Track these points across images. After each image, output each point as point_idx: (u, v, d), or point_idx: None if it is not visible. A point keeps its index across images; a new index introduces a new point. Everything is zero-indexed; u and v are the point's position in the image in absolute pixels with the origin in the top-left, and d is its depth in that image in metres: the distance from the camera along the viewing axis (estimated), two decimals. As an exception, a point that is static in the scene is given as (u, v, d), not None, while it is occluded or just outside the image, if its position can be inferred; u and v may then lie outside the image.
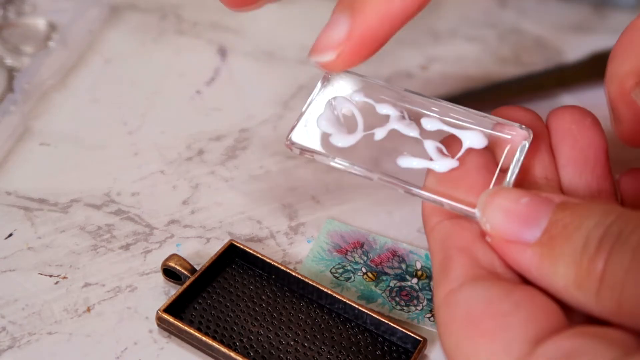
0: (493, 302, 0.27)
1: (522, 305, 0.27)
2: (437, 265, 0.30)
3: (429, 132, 0.33)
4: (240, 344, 0.36)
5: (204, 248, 0.41)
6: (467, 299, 0.28)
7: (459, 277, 0.29)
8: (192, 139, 0.48)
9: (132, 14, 0.57)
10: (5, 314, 0.38)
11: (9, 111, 0.46)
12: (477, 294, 0.28)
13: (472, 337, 0.27)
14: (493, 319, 0.27)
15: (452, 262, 0.29)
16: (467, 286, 0.28)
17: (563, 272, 0.27)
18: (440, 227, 0.31)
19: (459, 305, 0.28)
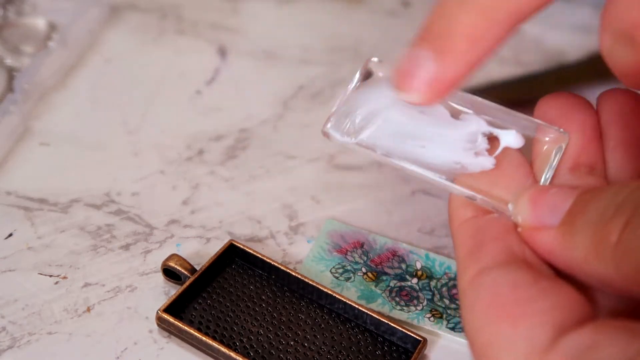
0: (520, 286, 0.27)
1: (548, 293, 0.27)
2: (466, 252, 0.30)
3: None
4: (240, 344, 0.36)
5: (204, 248, 0.41)
6: (494, 281, 0.28)
7: (490, 261, 0.29)
8: (192, 139, 0.48)
9: (132, 14, 0.57)
10: (5, 314, 0.38)
11: (9, 111, 0.46)
12: (505, 277, 0.28)
13: (495, 321, 0.27)
14: (518, 304, 0.27)
15: (483, 247, 0.29)
16: (496, 269, 0.28)
17: (581, 244, 0.27)
18: (473, 221, 0.31)
19: (485, 287, 0.28)
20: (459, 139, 0.32)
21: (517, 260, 0.29)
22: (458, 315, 0.39)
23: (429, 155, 0.32)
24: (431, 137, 0.32)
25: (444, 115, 0.33)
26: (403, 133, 0.32)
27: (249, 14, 0.58)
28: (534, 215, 0.29)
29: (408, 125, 0.32)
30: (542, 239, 0.29)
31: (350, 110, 0.33)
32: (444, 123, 0.32)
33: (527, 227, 0.29)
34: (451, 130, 0.32)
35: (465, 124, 0.33)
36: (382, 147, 0.32)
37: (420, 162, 0.31)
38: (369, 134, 0.32)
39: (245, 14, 0.58)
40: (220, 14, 0.58)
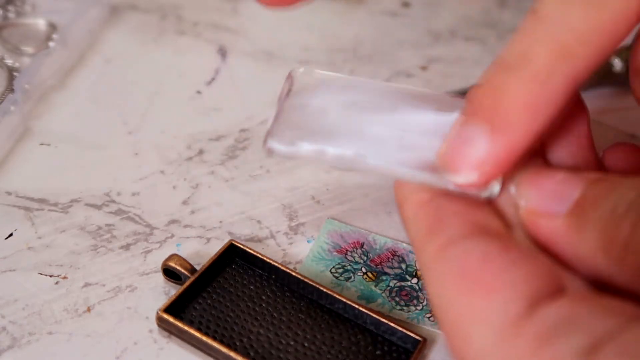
0: (491, 256, 0.26)
1: (521, 263, 0.26)
2: (426, 228, 0.28)
3: None
4: (240, 344, 0.36)
5: (204, 248, 0.41)
6: (462, 252, 0.27)
7: (455, 232, 0.27)
8: (192, 139, 0.48)
9: (132, 14, 0.57)
10: (5, 314, 0.38)
11: (9, 111, 0.46)
12: (474, 248, 0.27)
13: (466, 293, 0.26)
14: (490, 275, 0.26)
15: (444, 222, 0.28)
16: (463, 240, 0.27)
17: (590, 237, 0.26)
18: (431, 202, 0.29)
19: (453, 259, 0.27)
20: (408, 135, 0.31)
21: (484, 231, 0.27)
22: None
23: (383, 152, 0.30)
24: (377, 138, 0.31)
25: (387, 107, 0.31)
26: (351, 133, 0.31)
27: (249, 14, 0.58)
28: (540, 200, 0.28)
29: (353, 124, 0.31)
30: (546, 225, 0.28)
31: (288, 121, 0.32)
32: (391, 118, 0.31)
33: (531, 211, 0.28)
34: (394, 128, 0.31)
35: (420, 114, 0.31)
36: (333, 150, 0.30)
37: (377, 158, 0.30)
38: (315, 140, 0.31)
39: (245, 14, 0.58)
40: (220, 14, 0.58)
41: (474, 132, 0.28)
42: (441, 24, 0.59)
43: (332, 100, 0.32)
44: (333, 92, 0.32)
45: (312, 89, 0.32)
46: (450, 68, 0.55)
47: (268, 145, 0.31)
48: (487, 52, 0.57)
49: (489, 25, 0.59)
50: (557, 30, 0.28)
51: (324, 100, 0.32)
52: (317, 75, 0.33)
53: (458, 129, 0.28)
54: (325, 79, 0.33)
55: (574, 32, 0.28)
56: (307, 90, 0.32)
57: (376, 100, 0.32)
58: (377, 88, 0.32)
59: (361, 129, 0.31)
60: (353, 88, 0.32)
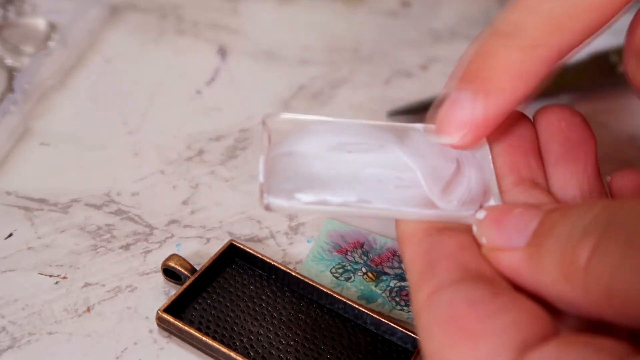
0: (478, 303, 0.26)
1: (509, 308, 0.26)
2: (418, 272, 0.28)
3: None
4: (240, 344, 0.36)
5: (204, 248, 0.41)
6: (450, 299, 0.27)
7: (444, 279, 0.27)
8: (192, 139, 0.48)
9: (132, 14, 0.57)
10: (5, 314, 0.38)
11: (9, 111, 0.46)
12: (462, 294, 0.26)
13: (454, 340, 0.26)
14: (477, 321, 0.26)
15: (436, 266, 0.28)
16: (452, 286, 0.27)
17: (549, 267, 0.26)
18: (424, 239, 0.29)
19: (441, 306, 0.27)
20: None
21: (473, 276, 0.27)
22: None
23: (383, 194, 0.30)
24: (373, 178, 0.31)
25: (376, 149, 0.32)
26: (347, 178, 0.31)
27: (249, 14, 0.58)
28: (499, 236, 0.28)
29: (345, 169, 0.31)
30: (508, 260, 0.28)
31: (279, 173, 0.31)
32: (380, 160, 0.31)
33: (492, 248, 0.28)
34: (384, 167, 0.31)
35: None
36: (335, 199, 0.30)
37: (379, 200, 0.30)
38: (314, 190, 0.30)
39: (245, 14, 0.58)
40: (220, 14, 0.58)
41: (460, 95, 0.29)
42: (441, 24, 0.59)
43: (316, 145, 0.31)
44: (314, 135, 0.32)
45: (293, 135, 0.32)
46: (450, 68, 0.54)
47: (266, 202, 0.30)
48: (487, 52, 0.57)
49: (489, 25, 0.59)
50: (550, 3, 0.29)
51: (308, 145, 0.32)
52: (290, 118, 0.33)
53: (450, 95, 0.29)
54: (299, 121, 0.33)
55: (565, 6, 0.29)
56: (288, 138, 0.32)
57: (359, 140, 0.32)
58: (356, 127, 0.32)
59: (355, 172, 0.31)
60: (331, 128, 0.32)
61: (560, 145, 0.32)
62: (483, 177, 0.31)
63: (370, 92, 0.52)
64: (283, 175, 0.31)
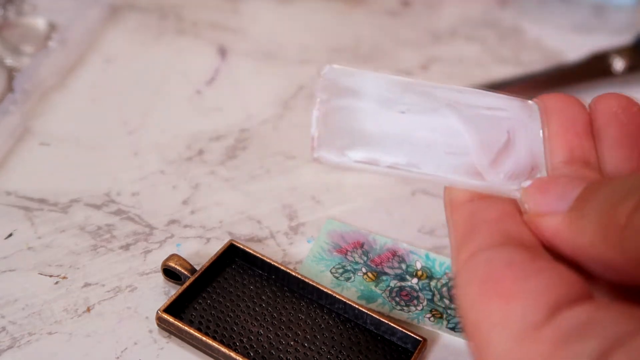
0: (515, 265, 0.27)
1: (545, 271, 0.27)
2: (460, 235, 0.30)
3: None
4: (240, 344, 0.36)
5: (204, 248, 0.41)
6: (489, 259, 0.28)
7: (485, 241, 0.28)
8: (192, 139, 0.48)
9: (132, 13, 0.57)
10: (5, 314, 0.38)
11: (9, 111, 0.46)
12: (501, 256, 0.28)
13: (488, 297, 0.27)
14: (513, 281, 0.27)
15: (478, 230, 0.29)
16: (492, 249, 0.28)
17: (589, 228, 0.27)
18: (469, 205, 0.30)
19: (479, 265, 0.28)
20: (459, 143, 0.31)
21: (513, 241, 0.28)
22: (458, 315, 0.39)
23: (433, 159, 0.31)
24: (429, 140, 0.31)
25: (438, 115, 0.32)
26: (399, 139, 0.31)
27: (249, 14, 0.58)
28: (543, 202, 0.29)
29: (399, 129, 0.31)
30: (549, 224, 0.29)
31: (332, 127, 0.31)
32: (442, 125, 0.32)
33: (535, 213, 0.29)
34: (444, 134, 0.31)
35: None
36: (385, 159, 0.30)
37: (428, 165, 0.31)
38: (365, 149, 0.30)
39: (245, 14, 0.58)
40: (220, 14, 0.58)
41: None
42: (441, 24, 0.59)
43: (371, 101, 0.32)
44: (369, 91, 0.32)
45: (350, 89, 0.32)
46: (450, 68, 0.55)
47: (317, 154, 0.30)
48: (487, 52, 0.57)
49: (489, 25, 0.59)
50: None
51: (363, 100, 0.32)
52: (348, 72, 0.33)
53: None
54: (355, 75, 0.33)
55: None
56: (343, 92, 0.32)
57: (414, 100, 0.32)
58: (412, 86, 0.32)
59: (406, 133, 0.31)
60: (387, 86, 0.32)
61: (617, 130, 0.32)
62: (532, 153, 0.32)
63: None
64: (335, 129, 0.31)
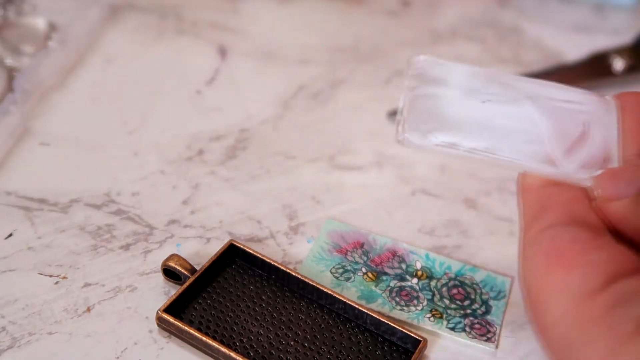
0: (579, 240, 0.30)
1: (605, 248, 0.29)
2: (531, 214, 0.32)
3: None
4: (240, 344, 0.36)
5: (204, 248, 0.41)
6: (555, 234, 0.30)
7: (553, 220, 0.31)
8: (192, 139, 0.48)
9: (132, 14, 0.57)
10: (5, 314, 0.38)
11: (9, 111, 0.46)
12: (566, 232, 0.30)
13: (552, 267, 0.29)
14: (575, 254, 0.29)
15: (548, 210, 0.31)
16: (559, 226, 0.30)
17: None
18: (541, 189, 0.32)
19: (546, 239, 0.30)
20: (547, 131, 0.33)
21: (579, 222, 0.31)
22: (458, 315, 0.39)
23: (511, 145, 0.33)
24: (510, 129, 0.33)
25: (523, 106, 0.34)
26: (479, 126, 0.33)
27: (249, 14, 0.58)
28: (613, 187, 0.31)
29: (480, 116, 0.33)
30: (616, 208, 0.31)
31: (418, 111, 0.33)
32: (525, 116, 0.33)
33: (606, 198, 0.31)
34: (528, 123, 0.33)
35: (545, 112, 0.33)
36: (466, 143, 0.33)
37: (505, 151, 0.32)
38: (447, 133, 0.33)
39: (245, 14, 0.58)
40: (220, 14, 0.58)
41: None
42: (441, 24, 0.59)
43: (455, 90, 0.34)
44: (456, 81, 0.34)
45: (437, 78, 0.34)
46: (450, 68, 0.55)
47: (402, 136, 0.33)
48: (487, 52, 0.57)
49: (489, 25, 0.59)
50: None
51: (447, 89, 0.34)
52: (437, 63, 0.35)
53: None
54: (445, 66, 0.35)
55: None
56: (432, 80, 0.34)
57: (496, 91, 0.34)
58: (495, 77, 0.34)
59: (488, 121, 0.33)
60: (472, 76, 0.34)
61: None
62: (606, 145, 0.33)
63: (370, 92, 0.52)
64: (420, 114, 0.33)
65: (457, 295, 0.40)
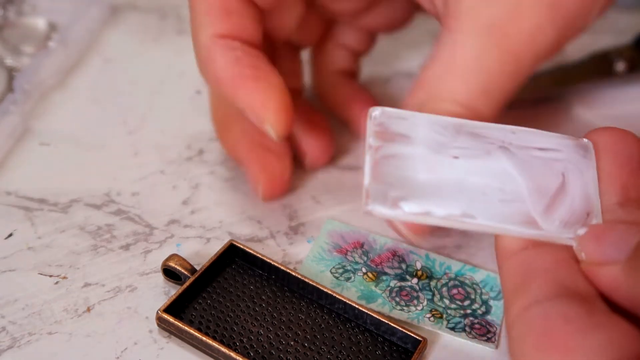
0: (573, 319, 0.26)
1: (604, 327, 0.26)
2: (514, 285, 0.29)
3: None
4: (240, 344, 0.36)
5: (204, 248, 0.41)
6: (546, 313, 0.27)
7: (540, 293, 0.28)
8: (192, 139, 0.48)
9: (132, 14, 0.57)
10: (5, 314, 0.38)
11: (9, 111, 0.46)
12: (557, 309, 0.27)
13: (546, 351, 0.26)
14: (572, 335, 0.26)
15: (534, 280, 0.28)
16: (548, 301, 0.27)
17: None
18: (522, 253, 0.30)
19: (535, 319, 0.27)
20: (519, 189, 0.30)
21: (569, 293, 0.28)
22: (458, 315, 0.39)
23: (487, 209, 0.30)
24: (483, 190, 0.31)
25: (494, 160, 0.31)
26: (452, 188, 0.30)
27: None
28: (599, 251, 0.28)
29: (451, 175, 0.31)
30: (607, 275, 0.28)
31: (383, 178, 0.30)
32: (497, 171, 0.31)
33: (591, 262, 0.29)
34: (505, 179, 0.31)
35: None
36: (439, 211, 0.30)
37: (482, 214, 0.30)
38: (418, 200, 0.30)
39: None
40: (220, 14, 0.58)
41: None
42: (441, 24, 0.59)
43: (424, 146, 0.31)
44: (421, 136, 0.31)
45: (401, 133, 0.31)
46: (451, 68, 0.55)
47: (369, 208, 0.30)
48: (487, 52, 0.56)
49: (489, 25, 0.59)
50: None
51: (416, 146, 0.31)
52: (399, 115, 0.32)
53: None
54: (409, 118, 0.32)
55: None
56: (396, 136, 0.31)
57: (466, 144, 0.31)
58: (462, 128, 0.32)
59: (459, 181, 0.30)
60: (441, 128, 0.32)
61: None
62: (587, 196, 0.31)
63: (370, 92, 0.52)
64: (388, 179, 0.30)
65: (457, 295, 0.40)
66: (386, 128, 0.31)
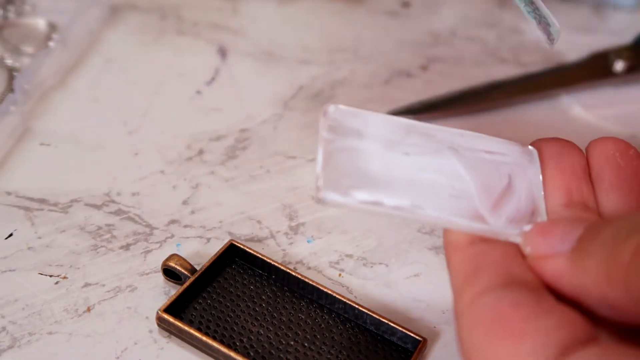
0: (522, 305, 0.27)
1: (551, 312, 0.27)
2: (463, 277, 0.30)
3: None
4: (240, 344, 0.36)
5: (204, 248, 0.41)
6: (495, 300, 0.28)
7: (489, 283, 0.28)
8: (192, 139, 0.48)
9: (132, 14, 0.57)
10: (5, 314, 0.38)
11: (9, 111, 0.46)
12: (506, 297, 0.28)
13: (498, 337, 0.27)
14: (522, 321, 0.27)
15: (482, 271, 0.29)
16: (496, 289, 0.28)
17: (592, 268, 0.27)
18: (470, 247, 0.30)
19: (485, 306, 0.28)
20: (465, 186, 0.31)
21: (517, 282, 0.28)
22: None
23: (437, 202, 0.31)
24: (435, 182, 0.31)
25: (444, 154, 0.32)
26: (403, 181, 0.31)
27: (249, 14, 0.58)
28: (544, 244, 0.29)
29: (403, 170, 0.31)
30: (551, 266, 0.29)
31: (337, 167, 0.31)
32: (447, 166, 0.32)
33: (537, 256, 0.29)
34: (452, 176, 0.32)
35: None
36: (389, 201, 0.30)
37: (431, 207, 0.31)
38: (370, 190, 0.31)
39: (245, 14, 0.58)
40: (220, 14, 0.58)
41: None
42: (441, 24, 0.59)
43: (377, 142, 0.32)
44: (375, 132, 0.32)
45: (354, 129, 0.32)
46: (450, 68, 0.55)
47: (322, 195, 0.30)
48: (487, 52, 0.57)
49: (489, 25, 0.59)
50: None
51: (369, 141, 0.32)
52: (353, 113, 0.33)
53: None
54: (362, 116, 0.33)
55: None
56: (349, 131, 0.32)
57: (417, 142, 0.32)
58: (414, 128, 0.33)
59: (410, 175, 0.31)
60: (391, 127, 0.33)
61: (614, 174, 0.33)
62: (532, 197, 0.32)
63: (370, 92, 0.52)
64: (340, 170, 0.31)
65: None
66: (340, 123, 0.32)
